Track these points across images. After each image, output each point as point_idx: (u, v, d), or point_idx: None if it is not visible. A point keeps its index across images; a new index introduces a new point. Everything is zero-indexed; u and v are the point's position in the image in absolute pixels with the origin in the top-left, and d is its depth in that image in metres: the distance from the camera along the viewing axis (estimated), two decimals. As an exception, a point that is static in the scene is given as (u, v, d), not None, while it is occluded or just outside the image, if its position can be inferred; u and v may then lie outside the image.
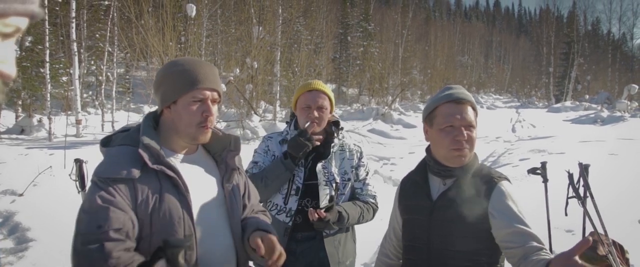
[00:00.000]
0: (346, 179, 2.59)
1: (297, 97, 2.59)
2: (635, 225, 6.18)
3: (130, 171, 1.50)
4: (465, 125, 1.95)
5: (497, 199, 1.92)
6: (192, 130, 1.64)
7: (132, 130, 1.68)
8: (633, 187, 7.69)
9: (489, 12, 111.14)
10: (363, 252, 4.80)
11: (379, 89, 29.36)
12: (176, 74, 1.64)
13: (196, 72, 1.64)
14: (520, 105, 43.11)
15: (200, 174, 1.73)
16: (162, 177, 1.56)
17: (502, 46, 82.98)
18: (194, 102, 1.63)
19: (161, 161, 1.56)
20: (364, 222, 2.58)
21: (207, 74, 1.65)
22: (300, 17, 24.10)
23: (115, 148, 1.61)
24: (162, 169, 1.54)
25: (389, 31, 37.15)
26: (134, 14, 13.20)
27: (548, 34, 49.47)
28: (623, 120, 22.18)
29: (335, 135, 2.63)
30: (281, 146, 2.62)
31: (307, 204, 2.48)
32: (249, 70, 17.06)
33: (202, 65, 1.68)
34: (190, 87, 1.62)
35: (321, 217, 2.24)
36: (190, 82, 1.62)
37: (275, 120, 16.47)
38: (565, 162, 3.98)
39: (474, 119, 1.98)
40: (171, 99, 1.64)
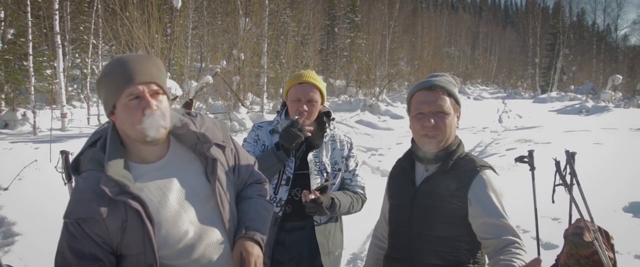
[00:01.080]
0: (337, 169, 2.59)
1: (288, 88, 2.58)
2: (619, 212, 6.27)
3: (97, 212, 1.49)
4: (434, 112, 1.97)
5: (477, 187, 1.93)
6: (137, 133, 1.55)
7: (99, 145, 1.62)
8: (617, 176, 7.80)
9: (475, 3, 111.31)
10: (351, 243, 4.83)
11: (366, 81, 29.34)
12: (107, 79, 1.56)
13: (123, 69, 1.54)
14: (507, 96, 43.41)
15: (180, 176, 1.68)
16: (127, 206, 1.52)
17: (489, 37, 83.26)
18: (130, 101, 1.54)
19: (125, 191, 1.51)
20: (353, 212, 2.58)
21: (135, 68, 1.54)
22: (287, 8, 23.98)
23: (82, 180, 1.56)
24: (127, 200, 1.51)
25: (376, 22, 37.09)
26: (119, 6, 13.03)
27: (534, 25, 49.78)
28: (607, 111, 22.43)
29: (327, 125, 2.63)
30: (271, 135, 2.61)
31: (297, 194, 2.48)
32: (236, 62, 16.96)
33: (130, 61, 1.56)
34: (121, 86, 1.52)
35: (315, 197, 2.22)
36: (121, 81, 1.53)
37: (263, 112, 16.42)
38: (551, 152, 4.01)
39: (447, 105, 1.99)
40: (110, 105, 1.57)
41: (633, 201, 6.55)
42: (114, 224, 1.52)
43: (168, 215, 1.61)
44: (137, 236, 1.54)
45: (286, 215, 2.50)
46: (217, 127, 1.86)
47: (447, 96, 2.00)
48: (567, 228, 3.37)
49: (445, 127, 1.99)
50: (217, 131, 1.83)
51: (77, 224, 1.51)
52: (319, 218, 2.51)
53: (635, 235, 5.24)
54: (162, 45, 13.33)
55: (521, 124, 18.61)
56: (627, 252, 4.75)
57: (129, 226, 1.53)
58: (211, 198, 1.72)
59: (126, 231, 1.53)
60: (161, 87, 1.59)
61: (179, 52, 15.74)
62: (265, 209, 1.92)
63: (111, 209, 1.51)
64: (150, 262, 1.55)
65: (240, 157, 1.94)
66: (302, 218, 2.50)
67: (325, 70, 34.04)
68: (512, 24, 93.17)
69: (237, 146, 1.96)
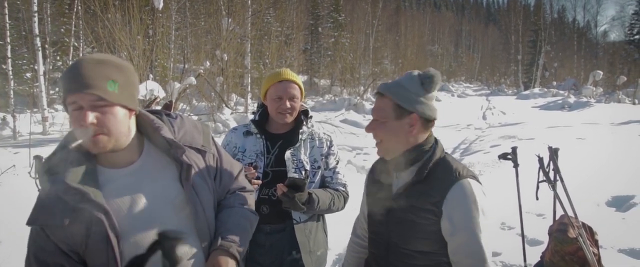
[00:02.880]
0: (316, 167, 2.56)
1: (267, 87, 2.55)
2: (602, 206, 6.32)
3: (60, 219, 1.45)
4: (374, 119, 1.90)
5: (452, 200, 1.76)
6: (83, 142, 1.47)
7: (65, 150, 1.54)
8: (600, 170, 7.86)
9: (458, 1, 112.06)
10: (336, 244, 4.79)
11: (351, 80, 29.39)
12: (61, 81, 1.49)
13: (70, 75, 1.43)
14: (490, 93, 43.73)
15: (151, 182, 1.61)
16: (92, 215, 1.46)
17: (472, 35, 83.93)
18: (74, 112, 1.44)
19: (87, 199, 1.45)
20: (335, 209, 2.54)
21: (82, 75, 1.41)
22: (270, 8, 23.91)
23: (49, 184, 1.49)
24: (90, 209, 1.45)
25: (360, 21, 37.16)
26: (100, 8, 12.87)
27: (516, 23, 50.25)
28: (589, 106, 22.67)
29: (304, 123, 2.60)
30: (245, 137, 2.58)
31: (273, 193, 2.44)
32: (219, 63, 16.87)
33: (82, 66, 1.43)
34: (66, 93, 1.44)
35: (282, 190, 2.21)
36: (65, 87, 1.44)
37: (247, 112, 16.34)
38: (535, 148, 4.02)
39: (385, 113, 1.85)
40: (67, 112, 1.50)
41: (616, 195, 6.60)
42: (78, 232, 1.46)
43: (136, 223, 1.53)
44: (100, 246, 1.47)
45: (264, 216, 2.46)
46: (197, 130, 1.78)
47: (389, 104, 1.84)
48: (551, 224, 3.37)
49: (385, 134, 1.86)
50: (196, 134, 1.76)
51: (41, 230, 1.48)
52: (298, 217, 2.48)
53: (618, 229, 5.28)
54: (144, 46, 13.20)
55: (505, 121, 18.74)
56: (611, 246, 4.78)
57: (93, 234, 1.47)
58: (186, 206, 1.64)
59: (90, 239, 1.47)
60: (106, 100, 1.45)
61: (162, 53, 15.59)
62: (246, 219, 1.83)
63: (75, 216, 1.45)
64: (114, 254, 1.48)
65: (223, 162, 1.86)
66: (281, 220, 2.46)
67: (309, 69, 34.03)
68: (495, 21, 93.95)
69: (221, 151, 1.88)
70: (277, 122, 2.57)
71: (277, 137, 2.57)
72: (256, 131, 2.56)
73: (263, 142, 2.53)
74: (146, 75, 12.95)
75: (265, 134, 2.57)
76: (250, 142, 2.55)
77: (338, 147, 2.76)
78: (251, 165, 2.45)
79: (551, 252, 3.24)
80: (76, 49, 16.45)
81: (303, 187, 2.24)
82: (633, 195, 6.44)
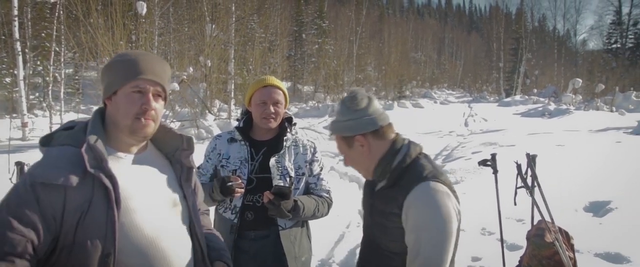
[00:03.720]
0: (300, 173, 2.59)
1: (252, 93, 2.57)
2: (580, 212, 6.44)
3: (67, 178, 1.41)
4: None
5: (410, 200, 1.77)
6: (129, 122, 1.56)
7: (77, 128, 1.59)
8: (579, 177, 8.00)
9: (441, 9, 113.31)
10: (319, 250, 4.83)
11: (334, 86, 29.52)
12: (119, 65, 1.59)
13: (139, 62, 1.58)
14: (473, 100, 44.14)
15: (153, 174, 1.67)
16: (96, 185, 1.46)
17: (454, 42, 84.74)
18: (133, 93, 1.56)
19: (102, 166, 1.47)
20: (319, 215, 2.57)
21: (150, 65, 1.60)
22: (254, 14, 23.92)
23: (56, 149, 1.51)
24: (100, 176, 1.45)
25: (344, 28, 37.36)
26: (82, 12, 12.79)
27: (498, 31, 50.84)
28: (569, 113, 23.02)
29: (289, 130, 2.63)
30: (229, 143, 2.60)
31: (258, 200, 2.46)
32: (203, 69, 16.84)
33: (147, 58, 1.62)
34: (130, 77, 1.56)
35: (268, 198, 2.25)
36: (131, 72, 1.56)
37: (230, 118, 16.31)
38: (516, 154, 4.09)
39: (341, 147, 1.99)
40: (111, 90, 1.58)
41: (593, 200, 6.72)
42: (75, 202, 1.43)
43: (135, 205, 1.55)
44: (100, 218, 1.45)
45: (248, 222, 2.48)
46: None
47: (339, 140, 1.97)
48: (529, 229, 3.44)
49: (353, 163, 1.99)
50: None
51: (33, 188, 1.41)
52: (283, 223, 2.50)
53: (594, 234, 5.38)
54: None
55: (486, 128, 18.94)
56: (588, 250, 4.87)
57: (94, 205, 1.45)
58: (179, 204, 1.71)
59: (89, 211, 1.44)
60: (165, 91, 1.65)
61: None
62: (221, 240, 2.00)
63: (80, 183, 1.44)
64: (109, 250, 1.45)
65: (198, 182, 1.95)
66: (266, 226, 2.48)
67: (293, 76, 34.08)
68: (477, 29, 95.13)
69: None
70: (261, 129, 2.59)
71: (262, 144, 2.59)
72: (240, 138, 2.58)
73: (247, 149, 2.55)
74: (129, 80, 12.85)
75: (250, 141, 2.59)
76: (235, 149, 2.57)
77: (321, 153, 2.79)
78: (234, 173, 2.48)
79: (529, 256, 3.31)
80: (57, 53, 16.28)
81: (289, 195, 2.27)
82: (609, 200, 6.57)
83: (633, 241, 5.06)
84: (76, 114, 16.32)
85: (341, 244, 5.29)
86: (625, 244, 4.98)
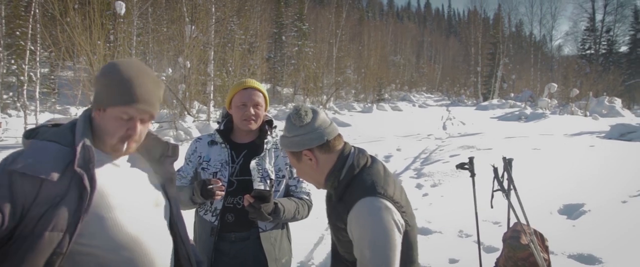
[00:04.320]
0: (280, 176, 2.60)
1: (232, 95, 2.58)
2: (555, 214, 6.57)
3: (48, 173, 1.42)
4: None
5: (351, 218, 1.81)
6: (113, 142, 1.58)
7: (65, 127, 1.59)
8: (554, 180, 8.16)
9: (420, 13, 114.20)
10: (299, 252, 4.84)
11: (314, 89, 29.53)
12: (114, 83, 1.54)
13: (134, 87, 1.54)
14: (451, 104, 44.53)
15: (136, 174, 1.69)
16: (73, 184, 1.45)
17: (433, 46, 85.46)
18: (121, 117, 1.56)
19: (88, 167, 1.47)
20: (299, 218, 2.59)
21: (144, 93, 1.56)
22: (234, 16, 23.86)
23: (42, 143, 1.51)
24: (83, 176, 1.45)
25: (323, 31, 37.46)
26: (59, 11, 12.61)
27: (476, 35, 51.45)
28: (544, 117, 23.44)
29: (269, 133, 2.65)
30: (210, 146, 2.61)
31: (238, 202, 2.48)
32: (182, 70, 16.72)
33: (143, 81, 1.57)
34: (121, 103, 1.54)
35: (249, 201, 2.25)
36: (124, 97, 1.54)
37: (209, 120, 16.23)
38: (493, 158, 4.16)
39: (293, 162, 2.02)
40: (101, 105, 1.57)
41: (567, 203, 6.86)
42: (48, 195, 1.42)
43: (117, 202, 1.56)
44: (65, 216, 1.44)
45: (229, 224, 2.49)
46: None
47: (288, 153, 2.01)
48: (505, 232, 3.51)
49: (304, 176, 2.05)
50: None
51: (9, 175, 1.40)
52: (263, 225, 2.51)
53: (568, 236, 5.50)
54: (105, 52, 13.00)
55: (464, 131, 19.16)
56: (562, 252, 4.98)
57: (64, 202, 1.44)
58: (162, 204, 1.73)
59: (58, 206, 1.43)
60: (153, 117, 1.65)
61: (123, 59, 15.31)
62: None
63: (59, 179, 1.44)
64: (62, 249, 1.43)
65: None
66: (246, 228, 2.49)
67: (272, 78, 34.03)
68: (455, 33, 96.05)
69: None
70: (241, 132, 2.61)
71: (242, 146, 2.60)
72: (221, 141, 2.59)
73: (228, 151, 2.56)
74: (106, 81, 12.69)
75: (230, 143, 2.60)
76: (215, 152, 2.58)
77: (301, 156, 2.80)
78: (215, 176, 2.48)
79: (505, 258, 3.38)
80: (32, 52, 16.00)
81: (269, 197, 2.28)
82: (583, 203, 6.72)
83: (605, 243, 5.19)
84: (52, 114, 16.09)
85: (320, 246, 5.32)
86: (598, 245, 5.11)
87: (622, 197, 6.97)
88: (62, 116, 15.85)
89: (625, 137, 15.02)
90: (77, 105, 15.15)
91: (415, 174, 9.69)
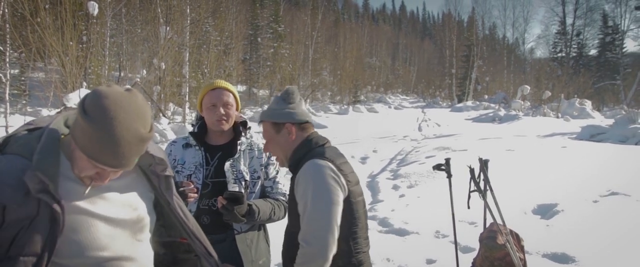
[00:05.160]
0: (256, 177, 2.59)
1: (202, 97, 2.58)
2: (529, 214, 6.66)
3: (11, 197, 1.34)
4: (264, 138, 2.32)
5: (298, 177, 2.07)
6: (80, 176, 1.46)
7: (33, 135, 1.49)
8: (527, 180, 8.27)
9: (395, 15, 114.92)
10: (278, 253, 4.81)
11: (290, 90, 29.43)
12: (97, 137, 1.36)
13: (118, 153, 1.37)
14: (426, 105, 44.97)
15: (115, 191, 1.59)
16: (43, 206, 1.38)
17: (408, 48, 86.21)
18: (92, 167, 1.42)
19: (47, 190, 1.37)
20: (275, 219, 2.57)
21: (128, 157, 1.40)
22: (209, 17, 23.69)
23: (6, 159, 1.42)
24: (47, 200, 1.37)
25: (299, 33, 37.46)
26: (29, 11, 12.36)
27: (450, 38, 52.06)
28: (518, 119, 23.81)
29: (243, 134, 2.63)
30: (184, 149, 2.59)
31: (213, 204, 2.45)
32: (157, 72, 16.54)
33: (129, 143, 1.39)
34: (98, 161, 1.39)
35: (221, 204, 2.24)
36: (103, 159, 1.39)
37: (185, 122, 16.09)
38: (468, 159, 4.20)
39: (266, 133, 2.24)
40: (76, 143, 1.41)
41: (541, 203, 6.96)
42: (15, 217, 1.36)
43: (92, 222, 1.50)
44: (39, 238, 1.38)
45: (204, 226, 2.45)
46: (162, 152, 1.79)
47: (267, 125, 2.22)
48: (482, 232, 3.54)
49: (274, 148, 2.24)
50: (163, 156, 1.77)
51: None
52: (239, 227, 2.49)
53: (542, 235, 5.58)
54: (78, 53, 12.77)
55: (440, 132, 19.35)
56: (536, 251, 5.05)
57: (36, 223, 1.38)
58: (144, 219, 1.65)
59: (29, 227, 1.37)
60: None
61: (96, 60, 15.11)
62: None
63: (25, 201, 1.37)
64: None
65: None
66: (222, 230, 2.47)
67: (248, 80, 33.88)
68: (430, 36, 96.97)
69: None
70: (215, 133, 2.60)
71: (217, 148, 2.59)
72: (195, 143, 2.57)
73: (202, 153, 2.55)
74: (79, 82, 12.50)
75: (205, 145, 2.59)
76: (190, 154, 2.56)
77: (278, 157, 2.80)
78: (189, 178, 2.46)
79: (481, 258, 3.41)
80: (2, 53, 15.62)
81: (242, 199, 2.27)
82: (556, 203, 6.82)
83: (578, 242, 5.28)
84: (22, 116, 15.71)
85: (298, 248, 5.30)
86: (571, 244, 5.20)
87: (593, 197, 7.10)
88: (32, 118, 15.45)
89: (595, 138, 15.38)
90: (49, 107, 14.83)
91: (392, 176, 9.74)
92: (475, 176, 3.48)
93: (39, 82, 17.29)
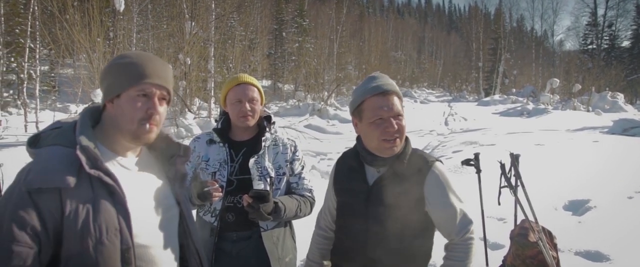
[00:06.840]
0: (281, 173, 2.54)
1: (226, 92, 2.53)
2: (560, 210, 6.49)
3: (64, 179, 1.34)
4: (393, 116, 1.97)
5: (431, 182, 1.99)
6: (134, 127, 1.50)
7: (66, 127, 1.52)
8: (557, 176, 8.07)
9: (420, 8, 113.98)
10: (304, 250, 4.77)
11: (315, 85, 29.41)
12: (123, 67, 1.52)
13: (144, 65, 1.53)
14: (452, 99, 44.49)
15: (147, 178, 1.62)
16: (96, 184, 1.40)
17: (434, 42, 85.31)
18: (138, 97, 1.51)
19: (98, 165, 1.40)
20: (302, 215, 2.53)
21: (156, 69, 1.55)
22: (234, 12, 23.74)
23: (46, 149, 1.43)
24: (99, 175, 1.39)
25: (324, 27, 37.28)
26: (58, 8, 12.51)
27: (477, 30, 51.35)
28: (547, 113, 23.33)
29: (267, 129, 2.58)
30: (208, 146, 2.55)
31: (239, 201, 2.40)
32: (182, 67, 16.63)
33: (152, 60, 1.57)
34: (136, 81, 1.50)
35: (247, 202, 2.18)
36: (137, 76, 1.50)
37: (211, 117, 16.17)
38: (496, 153, 4.09)
39: (401, 108, 2.00)
40: (115, 92, 1.51)
41: (572, 199, 6.79)
42: (75, 204, 1.36)
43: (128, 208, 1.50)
44: (110, 215, 1.40)
45: (229, 224, 2.42)
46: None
47: (398, 98, 2.02)
48: (513, 229, 3.43)
49: (404, 129, 2.02)
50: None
51: (29, 195, 1.32)
52: (265, 224, 2.45)
53: (574, 232, 5.42)
54: (105, 49, 12.91)
55: (466, 127, 19.09)
56: (568, 249, 4.90)
57: (99, 204, 1.39)
58: (172, 208, 1.68)
59: (95, 210, 1.38)
60: (169, 94, 1.61)
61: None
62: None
63: (78, 184, 1.37)
64: (127, 244, 1.41)
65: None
66: (247, 227, 2.43)
67: (273, 74, 33.97)
68: (456, 29, 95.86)
69: None
70: (239, 129, 2.55)
71: (241, 144, 2.54)
72: (219, 140, 2.53)
73: (226, 150, 2.50)
74: (106, 78, 12.61)
75: (229, 142, 2.54)
76: (214, 151, 2.52)
77: (302, 152, 2.74)
78: (213, 177, 2.42)
79: (513, 256, 3.30)
80: (32, 50, 15.92)
81: (268, 197, 2.21)
82: (588, 199, 6.64)
83: (612, 239, 5.11)
84: (52, 112, 16.01)
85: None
86: (605, 242, 5.03)
87: (628, 192, 6.89)
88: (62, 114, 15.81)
89: (629, 132, 14.90)
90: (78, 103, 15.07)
91: (418, 170, 9.61)
92: (506, 171, 3.36)
93: (67, 78, 17.61)
